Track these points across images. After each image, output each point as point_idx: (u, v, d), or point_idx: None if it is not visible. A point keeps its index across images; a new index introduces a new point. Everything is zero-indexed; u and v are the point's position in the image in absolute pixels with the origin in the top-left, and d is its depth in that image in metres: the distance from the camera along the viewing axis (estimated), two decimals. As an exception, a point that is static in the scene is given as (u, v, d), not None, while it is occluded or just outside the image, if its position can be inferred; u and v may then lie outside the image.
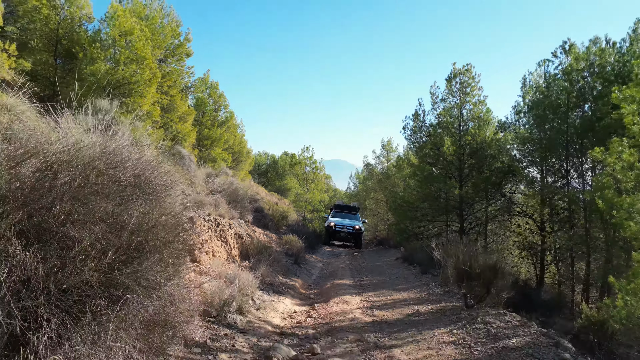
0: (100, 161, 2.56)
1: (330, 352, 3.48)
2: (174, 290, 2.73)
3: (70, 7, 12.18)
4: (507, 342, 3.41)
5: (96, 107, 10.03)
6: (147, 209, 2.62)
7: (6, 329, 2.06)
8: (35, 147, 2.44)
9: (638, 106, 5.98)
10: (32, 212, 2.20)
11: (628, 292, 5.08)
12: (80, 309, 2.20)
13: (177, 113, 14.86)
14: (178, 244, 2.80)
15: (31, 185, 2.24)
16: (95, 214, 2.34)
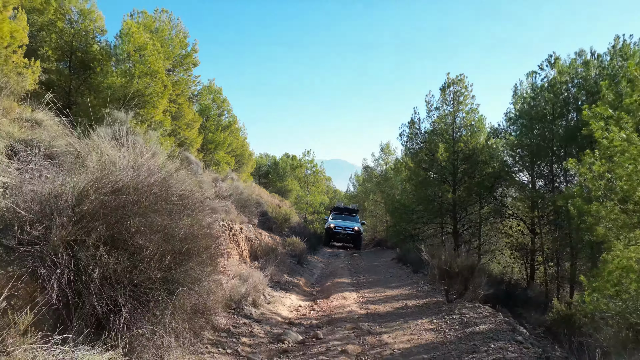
0: (156, 186, 3.33)
1: (330, 337, 4.24)
2: (210, 285, 3.50)
3: (84, 20, 12.99)
4: (475, 328, 4.17)
5: (113, 118, 10.96)
6: (190, 222, 3.38)
7: (94, 312, 2.84)
8: (110, 176, 3.21)
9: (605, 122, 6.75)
10: (110, 226, 2.97)
11: (595, 290, 5.86)
12: (146, 298, 2.97)
13: (184, 120, 15.63)
14: (212, 248, 3.57)
15: (110, 206, 3.00)
16: (154, 227, 3.10)
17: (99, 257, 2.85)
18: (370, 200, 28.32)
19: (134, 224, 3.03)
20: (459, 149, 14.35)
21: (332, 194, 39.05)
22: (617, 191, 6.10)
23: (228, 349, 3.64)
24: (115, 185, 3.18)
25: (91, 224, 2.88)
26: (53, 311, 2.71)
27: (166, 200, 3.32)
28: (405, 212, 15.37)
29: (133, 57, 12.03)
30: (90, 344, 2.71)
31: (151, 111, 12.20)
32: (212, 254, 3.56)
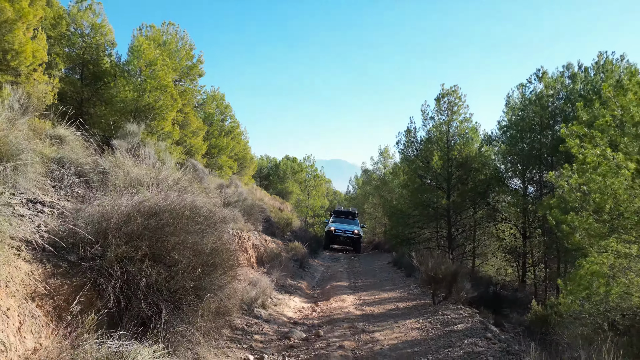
0: (186, 210, 4.03)
1: (330, 335, 4.94)
2: (229, 291, 4.19)
3: (95, 34, 13.73)
4: (453, 327, 4.86)
5: (126, 131, 11.74)
6: (213, 239, 4.08)
7: (140, 314, 3.54)
8: (151, 200, 3.92)
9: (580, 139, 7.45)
10: (152, 245, 3.66)
11: (569, 292, 6.56)
12: (181, 302, 3.67)
13: (190, 128, 16.35)
14: (230, 261, 4.26)
15: (151, 227, 3.70)
16: (186, 244, 3.80)
17: (144, 270, 3.55)
18: (370, 203, 29.04)
19: (170, 243, 3.73)
20: (452, 157, 15.05)
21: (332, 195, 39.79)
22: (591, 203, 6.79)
23: (244, 344, 4.35)
24: (153, 209, 3.89)
25: (137, 242, 3.59)
26: (108, 313, 3.40)
27: (194, 221, 4.03)
28: (401, 216, 16.08)
29: (144, 72, 12.76)
30: (138, 340, 3.41)
31: (161, 123, 12.93)
32: (231, 265, 4.25)
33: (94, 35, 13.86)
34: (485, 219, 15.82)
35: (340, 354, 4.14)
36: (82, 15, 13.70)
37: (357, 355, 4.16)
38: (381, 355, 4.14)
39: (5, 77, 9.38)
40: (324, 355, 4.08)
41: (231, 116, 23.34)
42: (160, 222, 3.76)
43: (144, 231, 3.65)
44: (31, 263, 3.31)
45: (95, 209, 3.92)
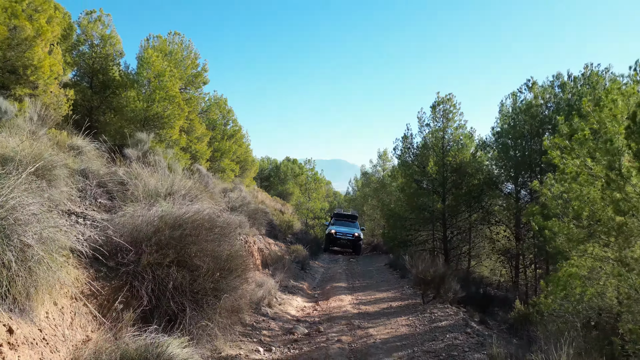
0: (205, 221, 4.66)
1: (329, 330, 5.57)
2: (242, 292, 4.82)
3: (105, 45, 14.38)
4: (438, 324, 5.49)
5: (136, 139, 12.43)
6: (228, 247, 4.70)
7: (168, 311, 4.17)
8: (176, 212, 4.55)
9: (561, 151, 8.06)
10: (177, 252, 4.29)
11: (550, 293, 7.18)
12: (202, 302, 4.29)
13: (195, 134, 16.98)
14: (243, 265, 4.88)
15: (176, 237, 4.32)
16: (206, 252, 4.42)
17: (171, 274, 4.18)
18: (369, 204, 29.69)
19: (192, 250, 4.36)
20: (447, 162, 15.69)
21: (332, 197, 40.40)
22: (571, 210, 7.39)
23: (254, 338, 4.98)
24: (177, 221, 4.52)
25: (165, 251, 4.21)
26: (142, 311, 4.02)
27: (212, 231, 4.66)
28: (398, 219, 16.72)
29: (153, 83, 13.39)
30: (167, 333, 4.03)
31: (169, 131, 13.58)
32: (244, 269, 4.88)
33: (103, 46, 14.51)
34: (480, 222, 16.45)
35: (338, 347, 4.77)
36: (92, 27, 14.37)
37: (353, 348, 4.79)
38: (374, 347, 4.77)
39: (24, 90, 10.03)
40: (324, 348, 4.71)
41: (233, 120, 23.98)
42: (183, 233, 4.39)
43: (170, 240, 4.29)
44: (77, 268, 3.94)
45: (128, 220, 4.55)
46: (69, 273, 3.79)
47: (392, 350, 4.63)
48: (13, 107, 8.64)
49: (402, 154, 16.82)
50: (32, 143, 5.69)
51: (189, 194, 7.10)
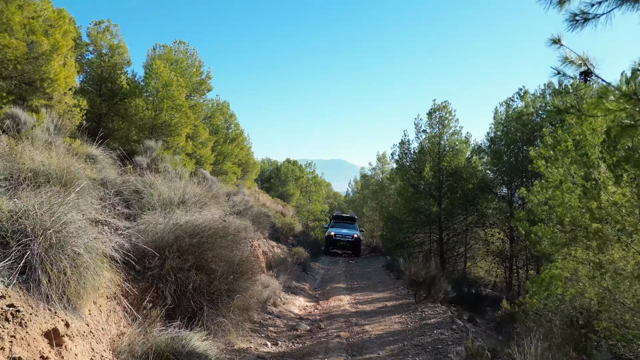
0: (219, 230, 5.26)
1: (329, 327, 6.16)
2: (251, 292, 5.41)
3: (113, 55, 15.00)
4: (428, 321, 6.08)
5: (145, 146, 13.09)
6: (239, 252, 5.30)
7: (188, 309, 4.76)
8: (194, 222, 5.14)
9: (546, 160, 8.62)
10: (196, 256, 4.88)
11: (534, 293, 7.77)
12: (217, 301, 4.88)
13: (200, 139, 17.58)
14: (252, 269, 5.48)
15: (191, 244, 4.91)
16: (221, 257, 5.01)
17: (191, 277, 4.77)
18: (368, 206, 30.28)
19: (209, 256, 4.95)
20: (443, 167, 16.29)
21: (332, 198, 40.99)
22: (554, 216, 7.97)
23: (262, 334, 5.57)
24: (195, 230, 5.11)
25: (186, 256, 4.81)
26: (167, 309, 4.61)
27: (226, 239, 5.26)
28: (396, 222, 17.31)
29: (161, 92, 13.99)
30: (188, 329, 4.63)
31: (176, 139, 14.19)
32: (253, 272, 5.48)
33: (111, 55, 15.14)
34: (475, 225, 17.04)
35: (337, 341, 5.37)
36: (100, 37, 14.99)
37: (350, 342, 5.38)
38: (369, 342, 5.36)
39: (40, 100, 10.63)
40: (324, 342, 5.31)
41: (235, 124, 24.59)
42: (201, 240, 4.99)
43: (190, 247, 4.88)
44: (110, 272, 4.53)
45: (151, 228, 5.14)
46: (103, 276, 4.39)
47: (385, 344, 5.22)
48: (31, 118, 9.23)
49: (399, 158, 17.43)
50: (58, 156, 6.29)
51: (198, 201, 7.70)
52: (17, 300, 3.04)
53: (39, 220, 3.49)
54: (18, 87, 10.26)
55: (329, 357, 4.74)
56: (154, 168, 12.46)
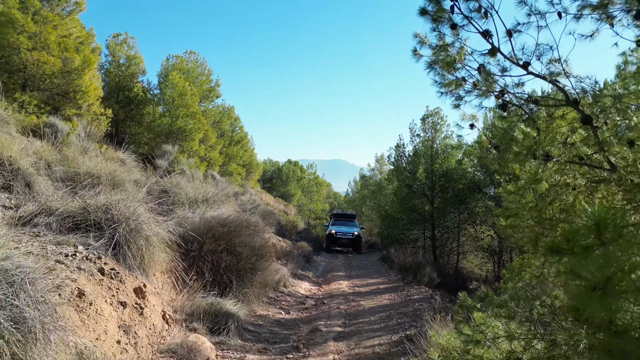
0: (243, 222, 6.59)
1: (331, 302, 7.48)
2: (268, 271, 6.74)
3: (130, 65, 16.36)
4: (412, 297, 7.39)
5: (163, 150, 14.56)
6: (259, 239, 6.63)
7: (221, 283, 6.11)
8: (221, 215, 6.48)
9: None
10: (227, 241, 6.21)
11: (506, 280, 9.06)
12: (243, 277, 6.21)
13: (209, 143, 18.90)
14: (269, 253, 6.80)
15: (222, 232, 6.24)
16: (245, 242, 6.34)
17: (223, 258, 6.11)
18: (367, 205, 31.60)
19: (236, 242, 6.29)
20: (435, 169, 17.63)
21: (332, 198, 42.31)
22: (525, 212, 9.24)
23: (277, 306, 6.91)
24: (224, 222, 6.45)
25: (218, 242, 6.14)
26: (205, 282, 5.94)
27: (248, 229, 6.60)
28: (392, 220, 18.65)
29: (177, 101, 15.34)
30: (222, 297, 5.96)
31: (190, 143, 15.55)
32: (270, 256, 6.82)
33: (128, 66, 16.52)
34: (465, 222, 18.38)
35: (337, 311, 6.71)
36: (118, 49, 16.37)
37: (348, 312, 6.72)
38: (362, 311, 6.70)
39: (72, 110, 12.00)
40: (327, 312, 6.65)
41: (240, 127, 25.92)
42: (229, 230, 6.34)
43: (221, 234, 6.23)
44: (164, 252, 5.85)
45: (190, 220, 6.47)
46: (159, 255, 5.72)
47: (375, 313, 6.56)
48: (67, 126, 10.57)
49: (395, 161, 18.77)
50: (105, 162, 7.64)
51: (217, 200, 9.05)
52: (114, 266, 4.38)
53: (121, 212, 4.83)
54: (52, 98, 11.62)
55: (331, 321, 6.08)
56: (172, 169, 13.88)
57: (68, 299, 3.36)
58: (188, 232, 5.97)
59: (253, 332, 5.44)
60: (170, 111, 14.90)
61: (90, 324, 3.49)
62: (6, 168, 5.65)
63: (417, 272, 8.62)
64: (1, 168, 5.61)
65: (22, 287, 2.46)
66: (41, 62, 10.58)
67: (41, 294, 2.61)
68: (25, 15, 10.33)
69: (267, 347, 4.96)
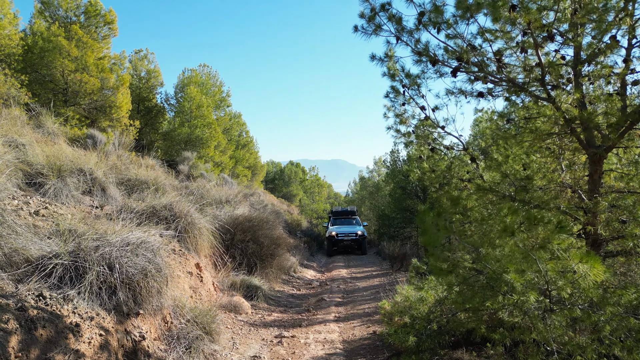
0: (264, 218, 8.41)
1: (332, 284, 9.31)
2: (283, 257, 8.55)
3: (150, 78, 18.20)
4: (397, 280, 9.23)
5: (183, 157, 16.69)
6: (277, 232, 8.44)
7: (249, 265, 7.94)
8: (247, 214, 8.30)
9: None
10: (252, 233, 8.01)
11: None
12: (265, 261, 8.03)
13: (220, 148, 20.70)
14: (285, 243, 8.61)
15: (249, 226, 8.05)
16: (266, 234, 8.15)
17: (249, 246, 7.93)
18: (366, 205, 33.41)
19: (259, 234, 8.11)
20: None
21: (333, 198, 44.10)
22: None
23: (289, 285, 8.74)
24: (249, 218, 8.27)
25: (246, 233, 7.96)
26: (236, 265, 7.75)
27: (268, 223, 8.42)
28: (387, 219, 20.46)
29: (195, 113, 17.17)
30: (249, 275, 7.78)
31: (207, 150, 17.39)
32: (285, 245, 8.64)
33: (148, 79, 18.37)
34: (454, 221, 20.17)
35: (337, 289, 8.54)
36: (140, 63, 18.23)
37: (345, 289, 8.55)
38: (357, 289, 8.53)
39: (106, 122, 13.86)
40: (329, 289, 8.48)
41: (246, 132, 27.75)
42: (253, 224, 8.16)
43: (247, 228, 8.05)
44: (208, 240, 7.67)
45: (219, 216, 8.29)
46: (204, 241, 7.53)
47: (367, 290, 8.39)
48: (104, 137, 12.40)
49: (390, 164, 20.59)
50: (148, 169, 9.49)
51: (236, 200, 10.89)
52: (180, 248, 6.21)
53: (180, 209, 6.65)
54: (89, 112, 13.48)
55: (333, 294, 7.91)
56: (191, 174, 15.78)
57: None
58: (223, 225, 7.79)
59: (275, 300, 7.27)
60: (190, 121, 16.73)
61: (174, 283, 5.32)
62: (87, 177, 7.51)
63: (404, 261, 10.44)
64: (85, 177, 7.47)
65: (156, 252, 4.28)
66: (83, 82, 12.43)
67: (163, 257, 4.43)
68: (70, 42, 12.17)
69: (286, 309, 6.80)
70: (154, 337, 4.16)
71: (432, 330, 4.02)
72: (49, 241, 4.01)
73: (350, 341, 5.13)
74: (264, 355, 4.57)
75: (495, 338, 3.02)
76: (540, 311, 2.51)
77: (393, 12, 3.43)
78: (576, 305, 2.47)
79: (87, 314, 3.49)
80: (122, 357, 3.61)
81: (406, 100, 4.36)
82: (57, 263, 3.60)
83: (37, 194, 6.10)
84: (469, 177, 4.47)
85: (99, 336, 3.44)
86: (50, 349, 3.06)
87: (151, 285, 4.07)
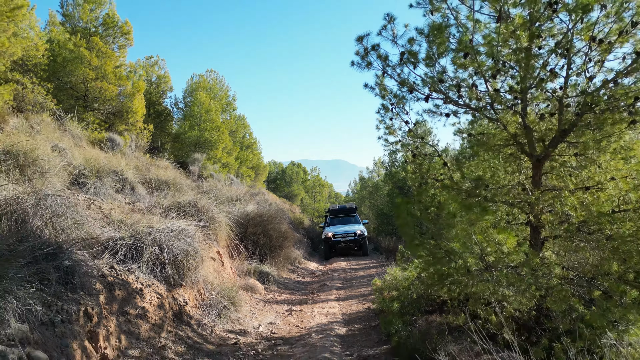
0: (272, 214, 9.48)
1: (333, 273, 10.39)
2: (290, 249, 9.63)
3: (160, 83, 19.27)
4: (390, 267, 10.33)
5: (193, 158, 17.94)
6: (284, 226, 9.52)
7: (260, 255, 9.03)
8: (258, 210, 9.38)
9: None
10: (262, 227, 9.09)
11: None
12: (274, 252, 9.11)
13: (226, 150, 21.75)
14: (291, 236, 9.68)
15: (259, 221, 9.12)
16: (275, 228, 9.22)
17: (260, 238, 9.01)
18: (365, 205, 34.50)
19: (269, 228, 9.19)
20: (423, 173, 20.48)
21: (333, 198, 45.16)
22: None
23: (295, 274, 9.83)
24: (259, 213, 9.35)
25: (257, 227, 9.04)
26: (249, 254, 8.82)
27: (276, 219, 9.50)
28: (385, 217, 21.56)
29: (204, 117, 18.24)
30: (260, 264, 8.85)
31: (215, 152, 18.47)
32: (292, 238, 9.71)
33: (158, 84, 19.44)
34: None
35: (338, 277, 9.63)
36: (151, 69, 19.31)
37: (345, 278, 9.64)
38: (355, 278, 9.62)
39: (122, 126, 14.92)
40: (330, 277, 9.58)
41: (250, 133, 28.82)
42: (263, 219, 9.24)
43: (259, 222, 9.13)
44: (226, 232, 8.75)
45: (233, 212, 9.38)
46: (222, 233, 8.60)
47: (364, 278, 9.48)
48: (122, 140, 13.46)
49: (388, 166, 21.67)
50: (167, 170, 10.57)
51: (245, 199, 11.97)
52: (204, 238, 7.28)
53: (202, 205, 7.72)
54: (107, 117, 14.55)
55: (334, 281, 9.00)
56: (201, 175, 16.86)
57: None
58: (237, 220, 8.88)
59: (283, 284, 8.36)
60: (200, 125, 17.82)
61: (203, 265, 6.40)
62: (119, 177, 8.58)
63: (395, 254, 11.55)
64: (117, 177, 8.54)
65: (193, 238, 5.36)
66: (103, 90, 13.52)
67: (199, 242, 5.51)
68: (91, 52, 13.24)
69: (294, 292, 7.88)
70: (192, 305, 5.25)
71: (412, 299, 5.11)
72: (109, 228, 5.09)
73: (348, 314, 6.22)
74: (278, 322, 5.66)
75: (452, 296, 4.10)
76: (478, 271, 3.58)
77: (381, 52, 4.50)
78: (503, 267, 3.55)
79: (146, 282, 4.57)
80: (171, 316, 4.70)
81: (393, 115, 5.44)
82: (122, 244, 4.68)
83: (81, 191, 7.18)
84: (442, 177, 5.56)
85: (157, 298, 4.52)
86: (125, 305, 4.14)
87: (190, 264, 5.16)
